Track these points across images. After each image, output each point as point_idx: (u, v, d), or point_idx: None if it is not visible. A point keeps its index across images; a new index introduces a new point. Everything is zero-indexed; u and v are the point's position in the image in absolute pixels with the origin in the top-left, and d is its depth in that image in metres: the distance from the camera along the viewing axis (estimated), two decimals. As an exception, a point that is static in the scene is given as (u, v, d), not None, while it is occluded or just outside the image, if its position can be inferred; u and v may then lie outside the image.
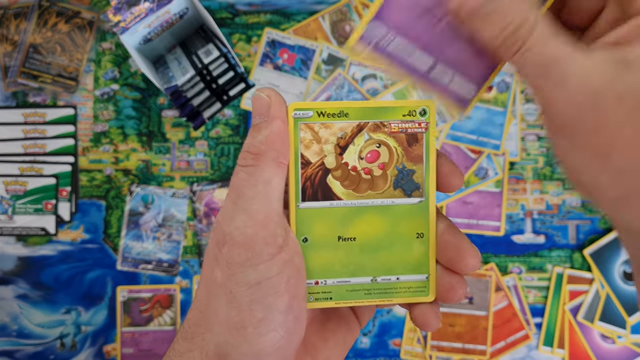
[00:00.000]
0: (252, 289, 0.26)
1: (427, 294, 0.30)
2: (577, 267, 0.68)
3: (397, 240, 0.29)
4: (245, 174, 0.27)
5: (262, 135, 0.27)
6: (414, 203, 0.29)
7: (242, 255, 0.26)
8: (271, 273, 0.26)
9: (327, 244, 0.29)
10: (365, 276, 0.29)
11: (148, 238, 0.68)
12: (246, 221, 0.26)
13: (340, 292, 0.29)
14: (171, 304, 0.67)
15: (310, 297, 0.29)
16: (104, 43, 0.69)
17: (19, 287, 0.67)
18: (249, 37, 0.69)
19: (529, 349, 0.67)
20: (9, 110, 0.69)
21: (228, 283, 0.26)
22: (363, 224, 0.29)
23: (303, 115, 0.28)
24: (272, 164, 0.27)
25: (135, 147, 0.68)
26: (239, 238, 0.26)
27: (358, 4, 0.69)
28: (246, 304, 0.26)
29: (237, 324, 0.26)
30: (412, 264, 0.29)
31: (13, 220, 0.68)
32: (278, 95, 0.28)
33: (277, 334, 0.26)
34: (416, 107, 0.29)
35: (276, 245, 0.26)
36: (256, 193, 0.26)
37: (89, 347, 0.67)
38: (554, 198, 0.68)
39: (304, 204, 0.29)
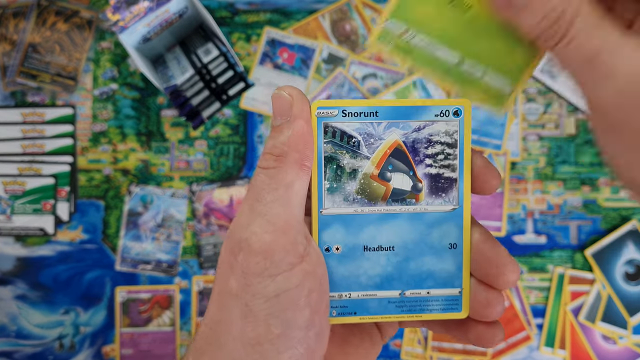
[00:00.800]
0: (269, 302, 0.24)
1: (459, 310, 0.27)
2: (578, 268, 0.67)
3: (428, 251, 0.27)
4: (265, 177, 0.25)
5: (285, 136, 0.25)
6: (447, 211, 0.27)
7: (260, 264, 0.24)
8: (290, 285, 0.24)
9: (351, 254, 0.27)
10: (392, 289, 0.27)
11: (147, 238, 0.67)
12: (265, 227, 0.24)
13: (366, 306, 0.27)
14: (170, 304, 0.67)
15: (332, 312, 0.27)
16: (103, 42, 0.69)
17: (17, 287, 0.67)
18: (249, 36, 0.69)
19: (530, 349, 0.67)
20: (8, 110, 0.68)
21: (243, 294, 0.24)
22: (391, 233, 0.27)
23: (327, 114, 0.26)
24: (295, 166, 0.25)
25: (134, 146, 0.68)
26: (256, 245, 0.24)
27: (358, 3, 0.69)
28: (263, 318, 0.24)
29: (252, 340, 0.24)
30: (444, 277, 0.27)
31: (12, 220, 0.67)
32: (301, 94, 0.26)
33: (296, 352, 0.24)
34: (450, 107, 0.27)
35: (297, 254, 0.24)
36: (277, 197, 0.24)
37: (88, 348, 0.67)
38: (555, 198, 0.68)
39: (327, 210, 0.27)
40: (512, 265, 0.26)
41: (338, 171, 0.27)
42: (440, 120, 0.26)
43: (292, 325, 0.24)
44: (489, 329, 0.27)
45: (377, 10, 0.69)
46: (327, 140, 0.26)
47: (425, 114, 0.26)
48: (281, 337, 0.24)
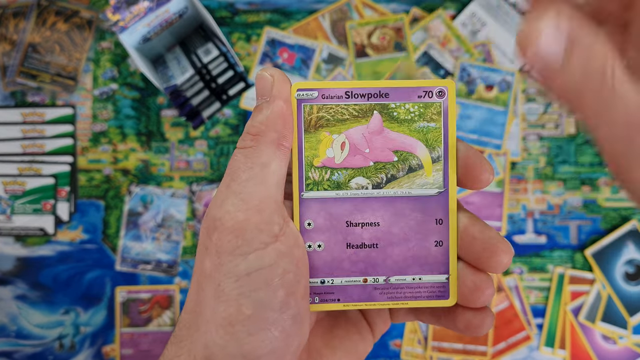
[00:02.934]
0: (240, 281, 0.23)
1: (447, 297, 0.26)
2: (578, 268, 0.67)
3: (413, 237, 0.26)
4: (242, 156, 0.25)
5: (263, 116, 0.25)
6: (432, 194, 0.26)
7: (232, 242, 0.23)
8: (263, 263, 0.23)
9: (334, 239, 0.26)
10: (377, 275, 0.26)
11: (147, 238, 0.67)
12: (238, 205, 0.24)
13: (349, 293, 0.26)
14: (170, 304, 0.67)
15: (315, 298, 0.26)
16: (103, 42, 0.69)
17: (17, 287, 0.67)
18: (249, 36, 0.69)
19: (530, 349, 0.67)
20: (8, 110, 0.68)
21: (216, 274, 0.23)
22: (374, 218, 0.26)
23: (307, 96, 0.26)
24: (272, 145, 0.24)
25: (134, 146, 0.68)
26: (229, 223, 0.23)
27: (358, 3, 0.69)
28: (234, 297, 0.23)
29: (224, 321, 0.23)
30: (430, 263, 0.26)
31: (12, 220, 0.67)
32: (282, 75, 0.25)
33: (269, 334, 0.23)
34: (433, 88, 0.26)
35: (271, 234, 0.24)
36: (252, 176, 0.24)
37: (88, 348, 0.67)
38: (555, 198, 0.68)
39: (308, 193, 0.26)
40: (504, 245, 0.25)
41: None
42: (423, 101, 0.26)
43: (265, 306, 0.23)
44: (478, 314, 0.26)
45: (377, 10, 0.69)
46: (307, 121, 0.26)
47: (408, 95, 0.26)
48: (252, 318, 0.23)
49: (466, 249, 0.26)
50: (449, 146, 0.26)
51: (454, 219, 0.26)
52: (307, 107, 0.26)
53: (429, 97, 0.26)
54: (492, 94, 0.68)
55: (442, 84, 0.26)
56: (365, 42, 0.69)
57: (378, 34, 0.69)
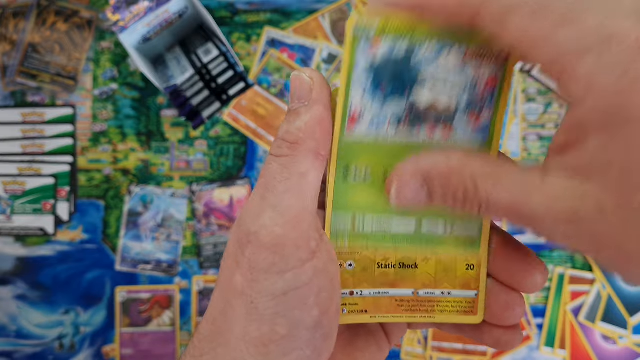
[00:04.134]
0: (276, 300, 0.22)
1: (475, 314, 0.25)
2: (578, 268, 0.67)
3: (443, 251, 0.25)
4: (278, 165, 0.23)
5: (302, 122, 0.23)
6: None
7: (269, 260, 0.22)
8: (300, 283, 0.22)
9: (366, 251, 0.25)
10: (405, 288, 0.25)
11: (147, 238, 0.67)
12: (276, 219, 0.22)
13: (377, 305, 0.25)
14: (170, 304, 0.67)
15: (343, 310, 0.25)
16: (102, 42, 0.69)
17: (17, 287, 0.67)
18: (249, 36, 0.69)
19: (530, 349, 0.67)
20: (8, 110, 0.68)
21: (249, 291, 0.22)
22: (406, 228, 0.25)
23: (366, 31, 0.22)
24: (310, 155, 0.23)
25: (134, 146, 0.68)
26: (266, 239, 0.22)
27: (358, 3, 0.69)
28: (269, 317, 0.22)
29: (256, 340, 0.22)
30: (459, 278, 0.25)
31: (11, 220, 0.67)
32: (322, 78, 0.24)
33: (302, 353, 0.22)
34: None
35: (308, 250, 0.22)
36: (289, 188, 0.22)
37: (88, 348, 0.67)
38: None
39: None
40: (540, 265, 0.24)
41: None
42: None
43: (300, 325, 0.22)
44: (508, 332, 0.25)
45: (377, 10, 0.69)
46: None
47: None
48: (287, 338, 0.22)
49: (500, 267, 0.25)
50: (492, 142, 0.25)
51: (487, 234, 0.25)
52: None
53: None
54: (492, 94, 0.68)
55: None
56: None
57: (378, 34, 0.68)
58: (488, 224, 0.25)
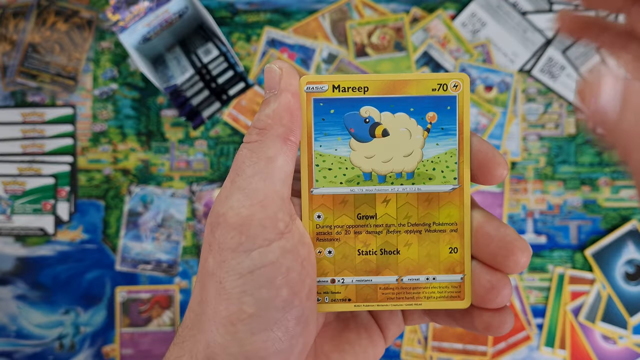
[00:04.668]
0: (243, 279, 0.22)
1: (462, 299, 0.25)
2: (578, 268, 0.67)
3: (426, 235, 0.25)
4: (247, 151, 0.24)
5: (270, 109, 0.24)
6: (446, 191, 0.25)
7: (235, 239, 0.22)
8: (266, 261, 0.22)
9: (346, 237, 0.25)
10: (389, 275, 0.25)
11: (147, 238, 0.67)
12: (242, 200, 0.23)
13: (361, 293, 0.26)
14: (170, 304, 0.67)
15: (325, 298, 0.25)
16: (102, 42, 0.69)
17: (17, 287, 0.67)
18: (249, 36, 0.69)
19: (530, 349, 0.67)
20: (8, 110, 0.68)
21: (218, 271, 0.23)
22: (387, 215, 0.25)
23: (317, 90, 0.25)
24: (278, 140, 0.24)
25: (134, 146, 0.68)
26: (232, 219, 0.23)
27: (358, 3, 0.69)
28: (236, 296, 0.22)
29: (225, 320, 0.22)
30: (443, 263, 0.25)
31: (11, 220, 0.67)
32: (290, 67, 0.25)
33: (272, 334, 0.22)
34: (447, 81, 0.25)
35: (276, 230, 0.23)
36: (257, 171, 0.23)
37: (88, 348, 0.67)
38: (555, 198, 0.68)
39: (318, 189, 0.25)
40: (521, 243, 0.24)
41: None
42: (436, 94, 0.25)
43: (268, 304, 0.22)
44: (497, 315, 0.25)
45: (377, 10, 0.69)
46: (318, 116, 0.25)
47: (420, 89, 0.25)
48: (255, 317, 0.22)
49: (481, 248, 0.25)
50: (463, 140, 0.25)
51: (468, 216, 0.25)
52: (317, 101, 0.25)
53: (444, 90, 0.25)
54: (492, 95, 0.68)
55: (457, 77, 0.25)
56: (365, 42, 0.69)
57: (378, 33, 0.69)
58: (469, 203, 0.25)
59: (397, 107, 0.25)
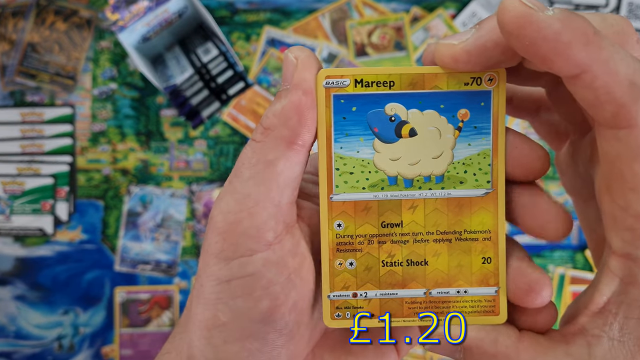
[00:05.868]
0: (220, 286, 0.21)
1: (496, 313, 0.23)
2: (579, 268, 0.67)
3: (457, 244, 0.23)
4: (250, 150, 0.22)
5: (279, 106, 0.21)
6: (479, 195, 0.23)
7: (218, 245, 0.21)
8: (244, 272, 0.21)
9: (369, 247, 0.23)
10: (416, 288, 0.23)
11: (146, 239, 0.67)
12: (231, 205, 0.21)
13: (385, 308, 0.24)
14: (170, 305, 0.67)
15: (346, 313, 0.23)
16: (102, 42, 0.69)
17: (16, 287, 0.67)
18: (248, 35, 0.69)
19: (530, 350, 0.66)
20: (7, 110, 0.68)
21: (201, 274, 0.22)
22: (414, 223, 0.23)
23: (337, 85, 0.22)
24: (281, 143, 0.21)
25: (134, 146, 0.68)
26: (219, 224, 0.22)
27: (358, 3, 0.69)
28: (212, 302, 0.22)
29: (201, 324, 0.22)
30: (476, 274, 0.23)
31: (10, 220, 0.67)
32: (307, 58, 0.22)
33: (247, 345, 0.22)
34: (482, 74, 0.22)
35: (262, 241, 0.21)
36: (253, 174, 0.21)
37: (87, 349, 0.67)
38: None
39: (338, 195, 0.23)
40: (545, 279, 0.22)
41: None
42: (469, 89, 0.23)
43: (243, 316, 0.21)
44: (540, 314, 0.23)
45: (377, 10, 0.69)
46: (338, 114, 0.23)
47: (452, 83, 0.22)
48: (228, 325, 0.21)
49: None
50: (498, 140, 0.23)
51: (503, 223, 0.23)
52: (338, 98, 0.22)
53: (477, 84, 0.23)
54: (493, 94, 0.68)
55: (492, 70, 0.22)
56: (365, 42, 0.68)
57: (378, 33, 0.68)
58: (503, 209, 0.23)
59: (425, 103, 0.23)
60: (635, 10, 0.67)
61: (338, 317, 0.24)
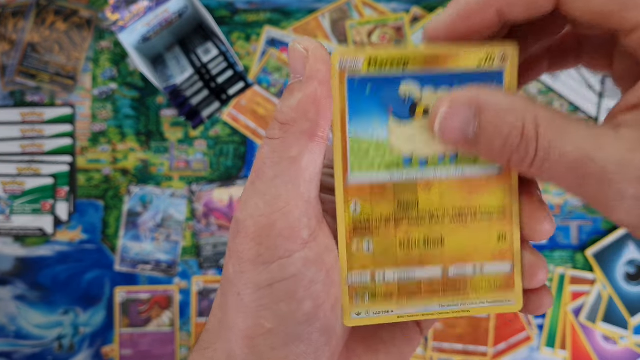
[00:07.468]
0: (261, 292, 0.21)
1: (512, 287, 0.24)
2: (579, 268, 0.67)
3: (472, 222, 0.23)
4: (269, 149, 0.21)
5: (295, 100, 0.21)
6: (493, 173, 0.23)
7: (253, 250, 0.21)
8: (286, 274, 0.21)
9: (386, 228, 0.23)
10: (434, 266, 0.23)
11: (146, 239, 0.67)
12: (262, 208, 0.21)
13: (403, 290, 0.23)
14: (170, 305, 0.67)
15: (365, 296, 0.23)
16: (102, 42, 0.69)
17: (16, 287, 0.67)
18: (248, 35, 0.69)
19: (530, 350, 0.66)
20: (7, 110, 0.68)
21: (237, 282, 0.21)
22: (429, 202, 0.23)
23: (351, 65, 0.22)
24: (303, 137, 0.21)
25: (134, 146, 0.68)
26: (251, 228, 0.21)
27: (358, 3, 0.69)
28: (254, 309, 0.21)
29: (243, 333, 0.21)
30: (492, 251, 0.23)
31: (11, 220, 0.67)
32: (318, 48, 0.21)
33: (295, 349, 0.21)
34: (494, 53, 0.22)
35: (298, 240, 0.21)
36: (279, 173, 0.21)
37: (87, 348, 0.67)
38: (556, 198, 0.68)
39: (354, 178, 0.23)
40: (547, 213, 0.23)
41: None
42: (483, 69, 0.22)
43: (288, 320, 0.21)
44: (538, 295, 0.24)
45: (377, 10, 0.69)
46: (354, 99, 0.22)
47: (466, 62, 0.22)
48: (274, 332, 0.21)
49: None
50: None
51: (516, 199, 0.23)
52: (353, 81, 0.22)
53: (491, 64, 0.23)
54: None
55: (504, 46, 0.22)
56: (365, 42, 0.68)
57: (378, 33, 0.68)
58: (516, 185, 0.23)
59: (439, 83, 0.22)
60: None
61: (358, 315, 0.23)
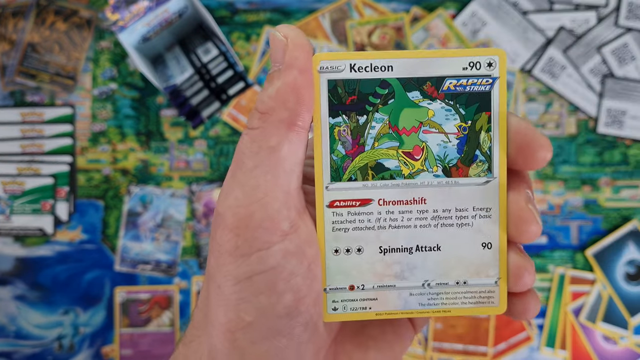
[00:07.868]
0: (240, 285, 0.20)
1: (496, 304, 0.23)
2: (579, 268, 0.67)
3: (457, 230, 0.22)
4: (248, 139, 0.21)
5: (273, 89, 0.20)
6: (479, 184, 0.22)
7: (231, 242, 0.20)
8: (265, 266, 0.20)
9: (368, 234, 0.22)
10: (415, 279, 0.23)
11: (146, 239, 0.67)
12: (240, 199, 0.20)
13: (382, 300, 0.23)
14: (170, 305, 0.67)
15: (343, 306, 0.23)
16: (102, 42, 0.69)
17: (16, 287, 0.67)
18: (248, 35, 0.69)
19: (530, 350, 0.66)
20: (7, 110, 0.68)
21: (217, 275, 0.21)
22: (414, 208, 0.22)
23: (332, 70, 0.21)
24: (282, 126, 0.20)
25: (134, 146, 0.68)
26: (229, 220, 0.20)
27: (358, 3, 0.69)
28: (233, 302, 0.21)
29: (224, 327, 0.21)
30: (475, 264, 0.23)
31: (10, 220, 0.67)
32: (297, 36, 0.21)
33: (275, 343, 0.21)
34: (480, 58, 0.22)
35: (277, 232, 0.20)
36: (258, 163, 0.20)
37: (87, 348, 0.67)
38: (556, 198, 0.68)
39: (336, 184, 0.22)
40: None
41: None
42: (469, 74, 0.22)
43: (268, 313, 0.20)
44: (520, 299, 0.23)
45: (377, 10, 0.69)
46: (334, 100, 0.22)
47: (450, 68, 0.22)
48: (254, 325, 0.21)
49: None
50: (498, 126, 0.22)
51: (504, 212, 0.22)
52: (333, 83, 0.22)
53: (477, 69, 0.22)
54: (493, 94, 0.68)
55: (493, 53, 0.22)
56: (365, 42, 0.68)
57: (378, 33, 0.68)
58: (505, 197, 0.23)
59: (421, 85, 0.22)
60: (635, 10, 0.67)
61: (335, 310, 0.23)
